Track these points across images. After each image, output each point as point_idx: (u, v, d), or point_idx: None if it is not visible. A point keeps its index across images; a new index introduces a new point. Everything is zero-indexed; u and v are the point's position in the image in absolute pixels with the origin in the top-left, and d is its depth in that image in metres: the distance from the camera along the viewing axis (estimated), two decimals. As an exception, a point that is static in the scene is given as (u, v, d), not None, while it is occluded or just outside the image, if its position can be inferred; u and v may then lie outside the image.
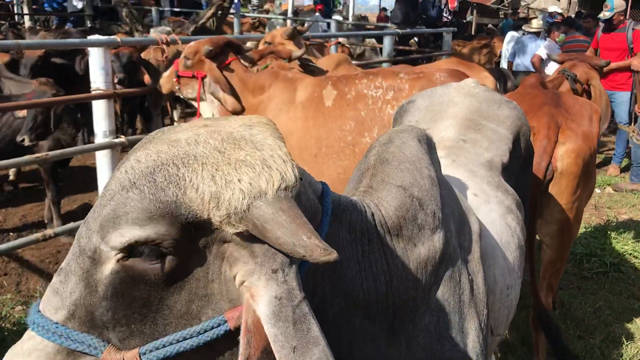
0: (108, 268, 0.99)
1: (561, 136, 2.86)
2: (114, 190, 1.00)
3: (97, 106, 3.89)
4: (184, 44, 4.54)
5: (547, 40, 8.62)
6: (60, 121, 4.60)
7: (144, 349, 1.00)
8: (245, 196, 0.96)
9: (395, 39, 9.19)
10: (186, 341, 1.01)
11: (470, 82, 2.26)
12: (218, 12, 9.35)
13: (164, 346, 1.01)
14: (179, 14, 14.60)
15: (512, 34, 9.75)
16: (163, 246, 0.96)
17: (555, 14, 12.41)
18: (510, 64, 9.26)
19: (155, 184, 0.97)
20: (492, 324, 1.66)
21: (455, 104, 2.14)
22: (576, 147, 2.85)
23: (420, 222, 1.32)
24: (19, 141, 4.34)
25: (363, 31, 10.31)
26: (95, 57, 3.80)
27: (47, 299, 1.04)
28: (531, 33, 8.97)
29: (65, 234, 3.99)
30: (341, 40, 8.63)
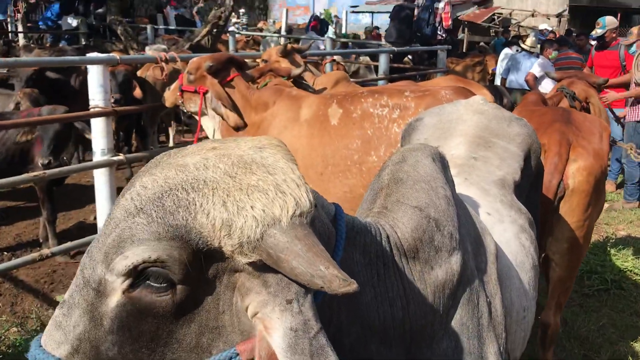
0: (114, 300, 0.94)
1: (572, 153, 2.84)
2: (119, 218, 0.96)
3: (96, 124, 3.85)
4: (182, 62, 4.53)
5: (540, 57, 8.69)
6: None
7: None
8: (259, 224, 0.92)
9: (390, 57, 9.24)
10: None
11: (478, 100, 2.25)
12: (213, 30, 9.38)
13: None
14: (173, 32, 14.63)
15: (506, 52, 9.83)
16: (172, 271, 0.92)
17: (546, 31, 12.57)
18: (504, 81, 9.32)
19: (163, 208, 0.93)
20: (509, 347, 1.62)
21: (464, 122, 2.12)
22: (588, 165, 2.83)
23: (437, 244, 1.28)
24: (44, 164, 4.27)
25: (358, 49, 10.37)
26: (94, 75, 3.77)
27: (49, 333, 0.99)
28: (525, 50, 9.04)
29: (62, 253, 3.93)
30: (336, 58, 8.67)
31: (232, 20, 17.82)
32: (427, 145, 1.50)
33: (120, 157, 3.95)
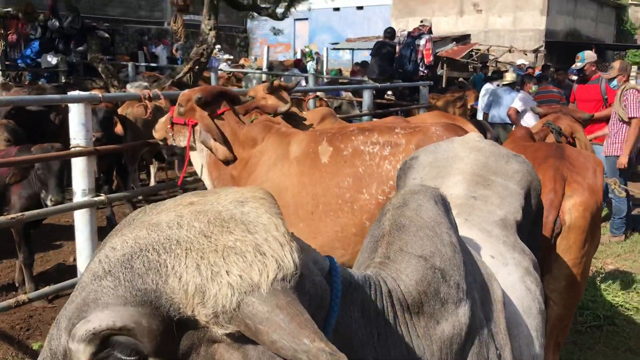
0: None
1: (568, 189, 2.81)
2: (86, 281, 0.87)
3: (77, 163, 3.74)
4: (166, 99, 4.47)
5: (521, 92, 8.79)
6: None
7: None
8: (235, 292, 0.83)
9: (373, 93, 9.28)
10: None
11: (474, 136, 2.20)
12: (195, 67, 9.36)
13: None
14: (154, 69, 14.63)
15: (487, 87, 9.93)
16: (141, 341, 0.82)
17: (523, 66, 12.80)
18: (486, 116, 9.39)
19: (132, 270, 0.84)
20: (519, 398, 1.53)
21: (461, 159, 2.05)
22: (584, 200, 2.79)
23: (443, 296, 1.19)
24: (52, 201, 4.14)
25: (342, 85, 10.42)
26: (76, 113, 3.68)
27: None
28: (505, 85, 9.15)
29: (39, 298, 3.77)
30: (319, 94, 8.69)
31: (225, 57, 17.97)
32: (429, 187, 1.42)
33: (102, 198, 3.84)
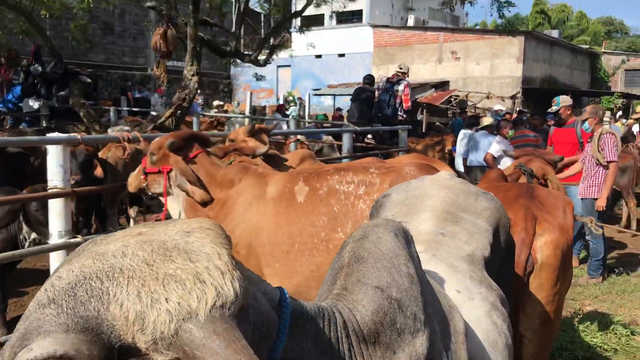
0: None
1: (538, 228, 2.85)
2: (31, 310, 0.88)
3: (54, 205, 3.73)
4: (145, 142, 4.49)
5: (498, 136, 8.98)
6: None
7: None
8: (173, 318, 0.84)
9: (353, 136, 9.41)
10: None
11: (445, 175, 2.25)
12: (177, 112, 9.44)
13: None
14: (136, 113, 14.70)
15: (465, 132, 10.13)
16: None
17: (501, 111, 13.11)
18: (464, 161, 9.56)
19: (75, 298, 0.85)
20: None
21: (430, 197, 2.10)
22: (554, 239, 2.83)
23: (400, 326, 1.21)
24: (45, 239, 4.10)
25: (322, 128, 10.57)
26: (54, 155, 3.69)
27: None
28: (483, 129, 9.34)
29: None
30: (300, 137, 8.79)
31: (215, 102, 18.15)
32: (390, 221, 1.45)
33: (78, 239, 3.81)
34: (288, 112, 16.30)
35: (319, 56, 26.86)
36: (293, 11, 12.30)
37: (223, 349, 0.83)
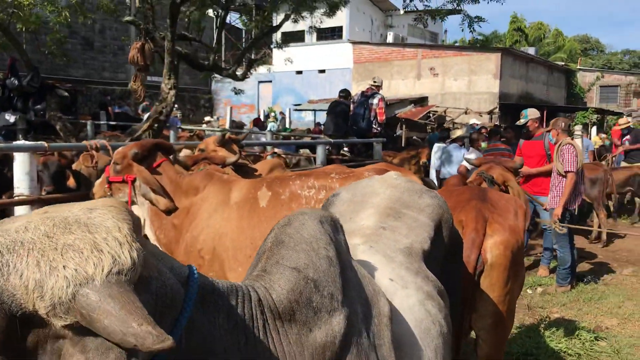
0: None
1: (489, 229, 2.92)
2: None
3: (20, 213, 3.74)
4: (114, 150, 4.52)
5: (471, 149, 9.14)
6: None
7: None
8: (70, 284, 0.89)
9: (328, 149, 9.49)
10: None
11: (392, 174, 2.34)
12: (155, 125, 9.46)
13: None
14: (115, 127, 14.67)
15: (439, 145, 10.28)
16: None
17: (476, 125, 13.33)
18: (437, 173, 9.70)
19: None
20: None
21: (377, 195, 2.18)
22: (504, 239, 2.90)
23: (316, 305, 1.26)
24: None
25: (297, 140, 10.67)
26: (20, 162, 3.72)
27: None
28: (455, 142, 9.49)
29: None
30: (277, 150, 8.87)
31: (206, 118, 18.17)
32: (317, 210, 1.52)
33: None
34: (267, 127, 16.40)
35: (299, 72, 27.06)
36: (271, 26, 12.44)
37: (117, 310, 0.88)
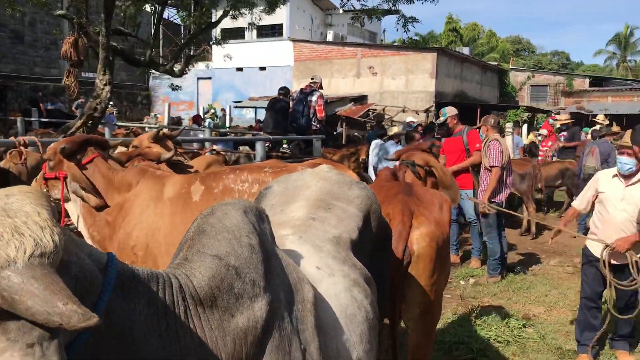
0: None
1: (415, 221, 3.00)
2: None
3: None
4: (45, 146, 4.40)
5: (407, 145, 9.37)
6: None
7: None
8: None
9: (268, 146, 9.50)
10: None
11: (324, 168, 2.40)
12: (89, 122, 9.22)
13: None
14: (48, 125, 14.17)
15: (376, 142, 10.46)
16: None
17: (412, 122, 13.64)
18: (375, 169, 9.87)
19: None
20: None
21: (308, 187, 2.24)
22: (429, 231, 2.99)
23: (238, 291, 1.29)
24: None
25: (235, 137, 10.64)
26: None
27: None
28: (392, 139, 9.70)
29: None
30: (216, 148, 8.81)
31: (152, 114, 17.66)
32: (241, 200, 1.55)
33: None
34: (206, 124, 16.23)
35: (239, 69, 26.89)
36: (210, 22, 12.32)
37: (41, 291, 0.89)
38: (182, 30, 22.87)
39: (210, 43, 17.81)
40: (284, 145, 9.67)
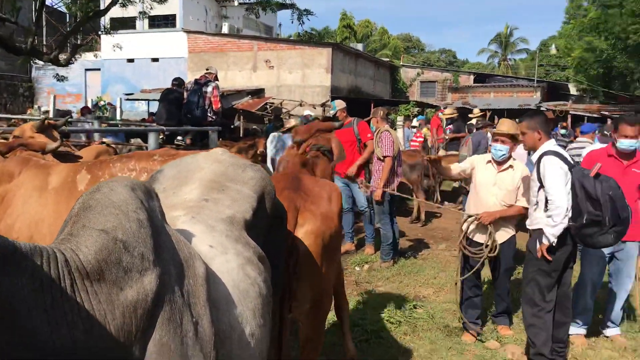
0: None
1: (300, 218, 2.99)
2: None
3: None
4: None
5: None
6: None
7: None
8: None
9: (162, 139, 9.27)
10: None
11: (218, 151, 2.41)
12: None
13: None
14: None
15: (274, 135, 10.52)
16: None
17: (309, 116, 13.84)
18: (273, 161, 9.92)
19: None
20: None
21: (201, 169, 2.24)
22: (314, 229, 2.99)
23: (126, 265, 1.30)
24: None
25: (127, 128, 10.27)
26: None
27: None
28: (289, 132, 9.79)
29: None
30: (106, 140, 8.47)
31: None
32: (127, 177, 1.55)
33: None
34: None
35: (131, 60, 25.92)
36: (98, 10, 11.77)
37: None
38: (68, 18, 21.68)
39: (99, 32, 17.02)
40: (179, 138, 9.46)
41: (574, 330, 4.90)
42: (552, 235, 4.13)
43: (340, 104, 8.03)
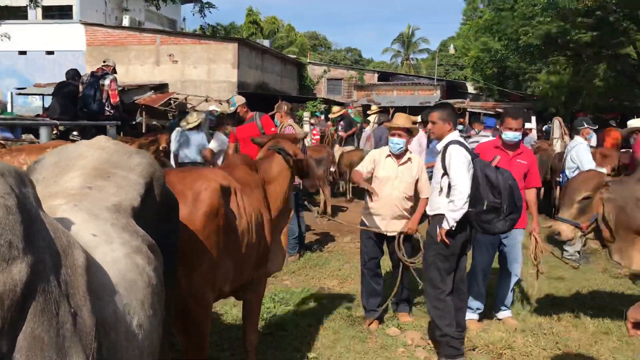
0: None
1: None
2: None
3: None
4: None
5: (216, 133, 9.40)
6: None
7: None
8: None
9: (56, 134, 8.79)
10: None
11: (101, 138, 2.29)
12: None
13: None
14: None
15: (177, 130, 10.27)
16: None
17: (215, 111, 13.65)
18: (176, 157, 9.68)
19: None
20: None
21: (84, 157, 2.13)
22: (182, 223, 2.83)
23: None
24: None
25: (15, 121, 9.66)
26: None
27: None
28: (192, 128, 9.60)
29: None
30: (-7, 137, 7.92)
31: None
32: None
33: None
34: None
35: (23, 52, 24.36)
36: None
37: None
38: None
39: (-15, 22, 15.88)
40: (74, 133, 9.00)
41: (468, 315, 5.12)
42: (453, 219, 4.31)
43: (239, 100, 7.92)
